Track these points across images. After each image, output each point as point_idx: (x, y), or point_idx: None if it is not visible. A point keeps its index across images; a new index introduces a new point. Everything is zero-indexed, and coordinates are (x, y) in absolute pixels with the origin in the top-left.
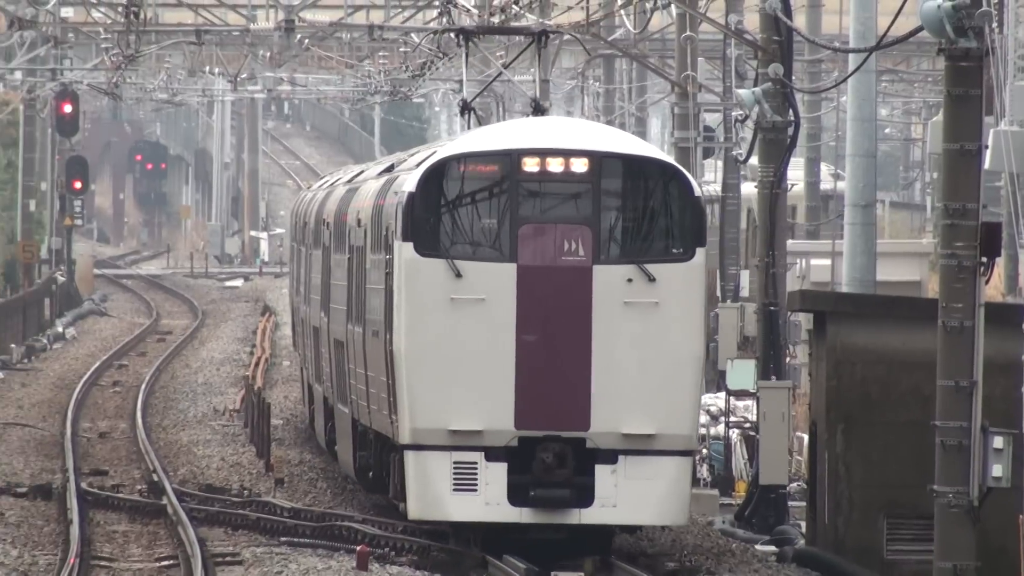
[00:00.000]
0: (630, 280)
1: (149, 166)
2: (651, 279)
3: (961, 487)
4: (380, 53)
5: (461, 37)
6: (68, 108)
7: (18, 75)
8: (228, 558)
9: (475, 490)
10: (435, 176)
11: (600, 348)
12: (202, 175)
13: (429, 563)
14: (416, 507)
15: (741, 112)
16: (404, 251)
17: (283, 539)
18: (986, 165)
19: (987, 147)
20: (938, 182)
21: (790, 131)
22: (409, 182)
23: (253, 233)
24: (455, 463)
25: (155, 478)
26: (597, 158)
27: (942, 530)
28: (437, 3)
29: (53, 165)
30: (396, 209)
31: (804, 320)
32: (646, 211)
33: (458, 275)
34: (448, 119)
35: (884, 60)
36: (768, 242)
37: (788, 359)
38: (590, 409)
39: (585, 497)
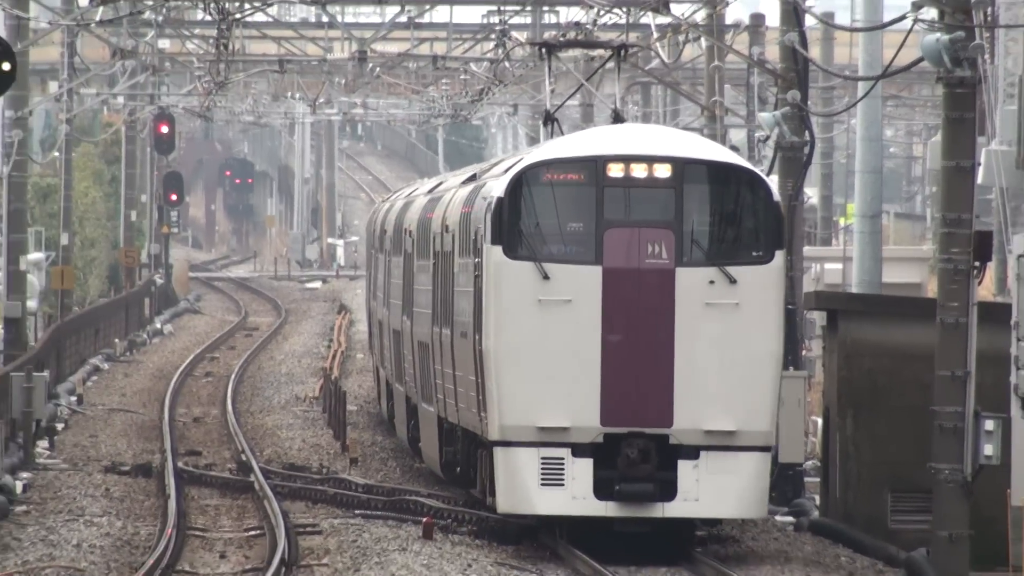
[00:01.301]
0: (712, 282)
1: (237, 180)
2: (732, 281)
3: (956, 465)
4: (443, 80)
5: (544, 51)
6: (165, 129)
7: (120, 100)
8: (309, 528)
9: (562, 485)
10: (523, 182)
11: (682, 347)
12: (285, 188)
13: (486, 532)
14: (505, 501)
15: (763, 133)
16: (493, 254)
17: (357, 511)
18: (979, 180)
19: (980, 164)
20: (937, 195)
21: (806, 150)
22: (498, 188)
23: (330, 240)
24: (543, 459)
25: (243, 458)
26: (680, 164)
27: (939, 502)
28: (493, 36)
29: (152, 179)
30: (485, 214)
31: (819, 317)
32: (727, 215)
33: (545, 277)
34: (503, 139)
35: (889, 87)
36: (787, 248)
37: (804, 352)
38: (673, 406)
39: (668, 491)
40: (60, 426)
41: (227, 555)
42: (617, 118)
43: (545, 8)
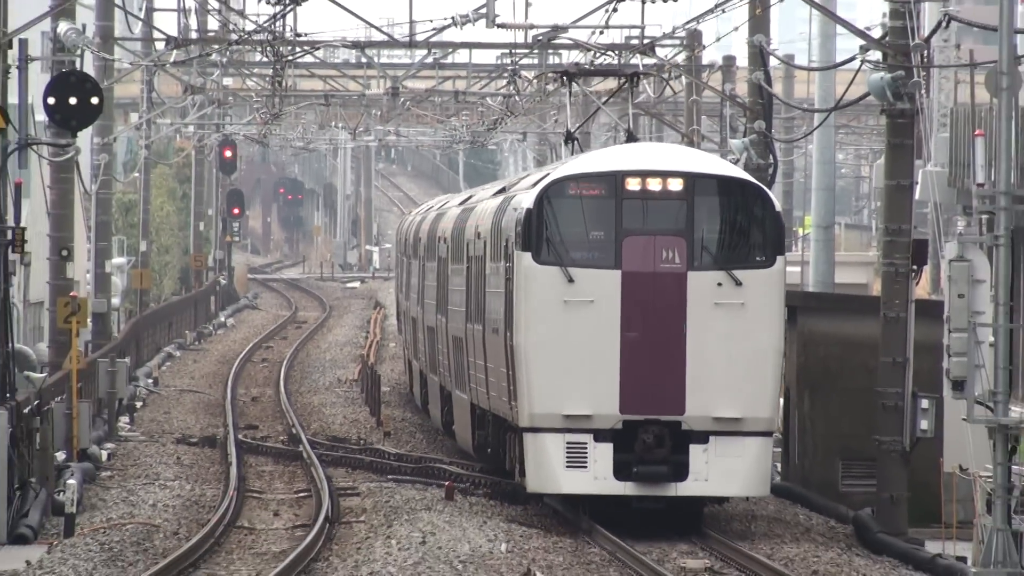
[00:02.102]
0: (720, 284)
1: (289, 197)
2: (738, 283)
3: (897, 437)
4: (463, 112)
5: (565, 77)
6: (228, 153)
7: (191, 128)
8: (349, 491)
9: (585, 467)
10: (550, 194)
11: (693, 343)
12: (329, 203)
13: (499, 495)
14: (534, 481)
15: (734, 156)
16: (523, 260)
17: (390, 476)
18: (916, 196)
19: (917, 183)
20: (881, 209)
21: (770, 171)
22: (527, 200)
23: (367, 247)
24: (568, 443)
25: (294, 431)
26: (691, 178)
27: (882, 469)
28: (506, 75)
29: (217, 196)
30: (515, 223)
31: None
32: (733, 224)
33: (570, 280)
34: (515, 161)
35: (841, 118)
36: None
37: None
38: (685, 396)
39: (681, 472)
40: (139, 404)
41: (280, 513)
42: (631, 137)
43: (549, 51)
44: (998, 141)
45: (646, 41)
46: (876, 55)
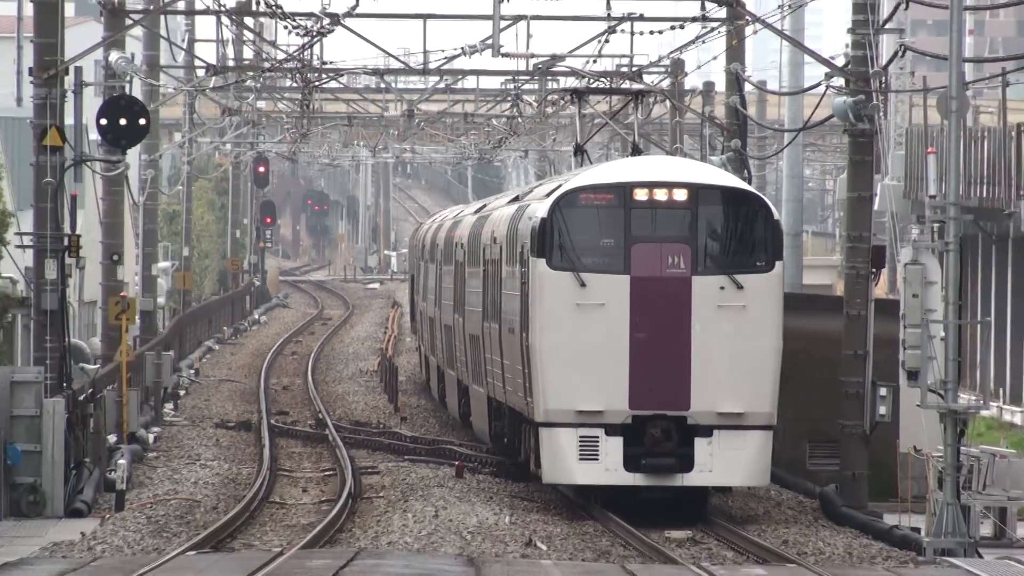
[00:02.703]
0: (722, 288)
1: (316, 207)
2: (739, 287)
3: (858, 421)
4: (471, 131)
5: (574, 95)
6: (262, 168)
7: (228, 146)
8: (369, 469)
9: (597, 459)
10: (563, 204)
11: (698, 343)
12: (352, 213)
13: (504, 473)
14: (549, 473)
15: None
16: (538, 265)
17: (406, 457)
18: (875, 207)
19: (876, 195)
20: (843, 218)
21: None
22: (542, 209)
23: (386, 252)
24: (580, 437)
25: (320, 416)
26: (695, 188)
27: (845, 450)
28: (509, 99)
29: (251, 206)
30: (530, 231)
31: None
32: (735, 231)
33: (582, 285)
34: (517, 176)
35: (808, 137)
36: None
37: None
38: (690, 393)
39: (687, 464)
40: (182, 392)
41: (308, 489)
42: (636, 151)
43: (548, 78)
44: (948, 158)
45: (635, 68)
46: (839, 81)
